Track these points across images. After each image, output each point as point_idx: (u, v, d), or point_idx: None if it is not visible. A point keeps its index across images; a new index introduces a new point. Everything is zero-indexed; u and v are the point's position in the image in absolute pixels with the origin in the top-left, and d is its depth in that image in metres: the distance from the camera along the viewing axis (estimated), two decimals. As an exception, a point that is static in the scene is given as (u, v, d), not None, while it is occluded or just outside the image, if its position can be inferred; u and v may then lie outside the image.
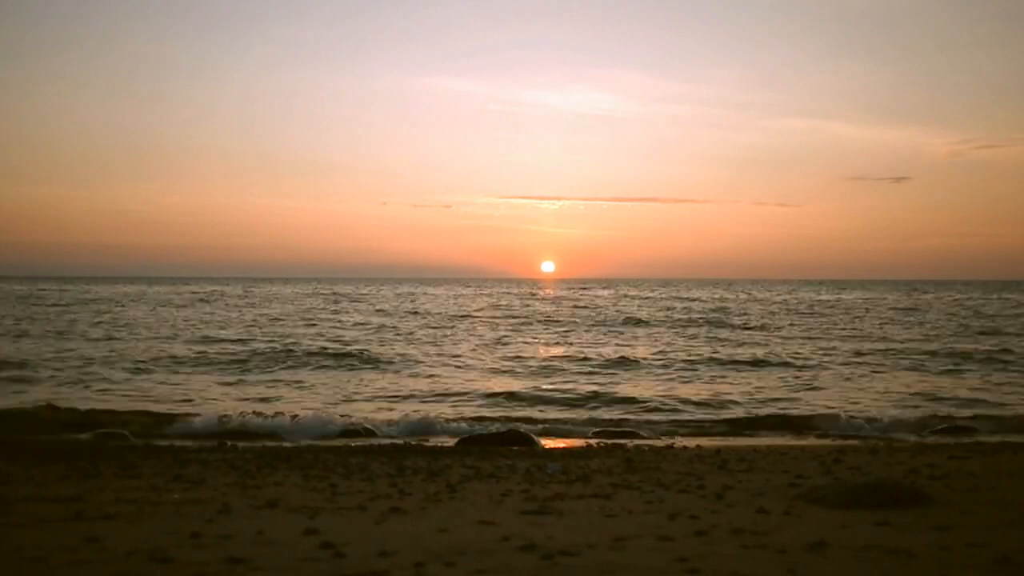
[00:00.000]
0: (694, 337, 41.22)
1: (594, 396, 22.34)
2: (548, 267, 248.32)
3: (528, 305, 74.65)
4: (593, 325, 49.81)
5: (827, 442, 16.25)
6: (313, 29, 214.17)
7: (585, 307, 70.14)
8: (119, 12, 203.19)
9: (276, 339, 36.87)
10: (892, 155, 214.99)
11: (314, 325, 47.40)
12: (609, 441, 16.25)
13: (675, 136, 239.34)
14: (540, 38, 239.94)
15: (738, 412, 20.11)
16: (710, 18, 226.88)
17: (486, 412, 20.02)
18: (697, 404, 21.20)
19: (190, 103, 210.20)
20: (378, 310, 63.77)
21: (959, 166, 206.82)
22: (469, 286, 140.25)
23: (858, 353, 32.72)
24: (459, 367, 28.77)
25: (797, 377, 26.35)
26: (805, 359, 30.96)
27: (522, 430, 16.74)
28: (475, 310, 65.16)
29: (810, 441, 16.50)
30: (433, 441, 16.11)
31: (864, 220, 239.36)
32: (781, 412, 20.00)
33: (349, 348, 33.32)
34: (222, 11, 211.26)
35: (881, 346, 35.61)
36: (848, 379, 25.98)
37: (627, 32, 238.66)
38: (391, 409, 20.37)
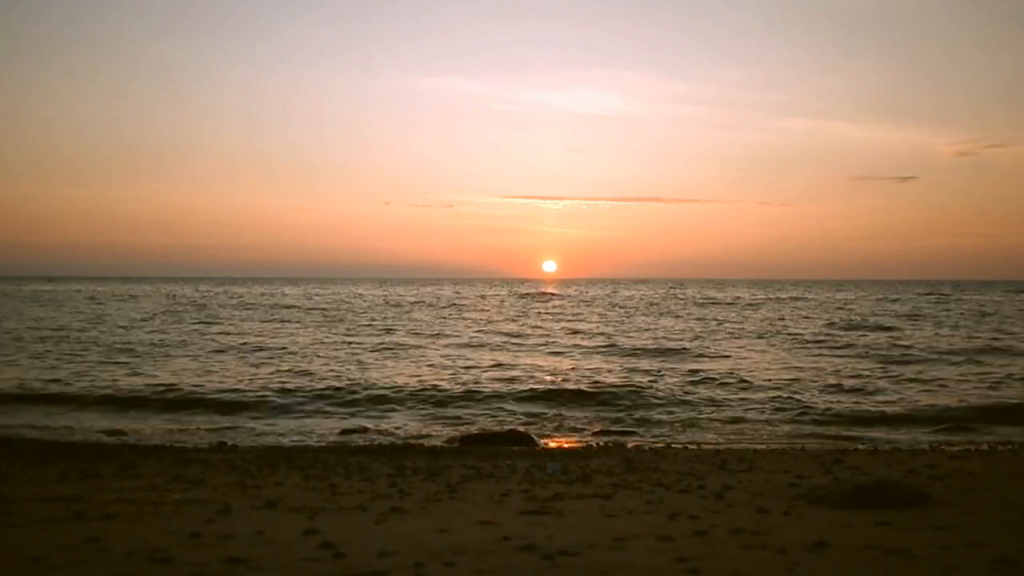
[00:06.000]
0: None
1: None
2: (550, 267, 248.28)
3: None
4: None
5: (827, 442, 16.25)
6: (315, 29, 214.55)
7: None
8: (120, 12, 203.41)
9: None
10: (898, 155, 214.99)
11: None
12: (609, 441, 16.25)
13: (679, 136, 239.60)
14: (544, 38, 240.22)
15: None
16: (715, 19, 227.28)
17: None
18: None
19: (191, 103, 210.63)
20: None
21: (966, 165, 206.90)
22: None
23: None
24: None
25: None
26: None
27: (522, 430, 16.74)
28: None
29: (810, 441, 16.49)
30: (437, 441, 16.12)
31: (869, 220, 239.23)
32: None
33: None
34: (223, 11, 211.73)
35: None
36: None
37: (631, 32, 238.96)
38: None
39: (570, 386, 23.29)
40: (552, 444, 16.10)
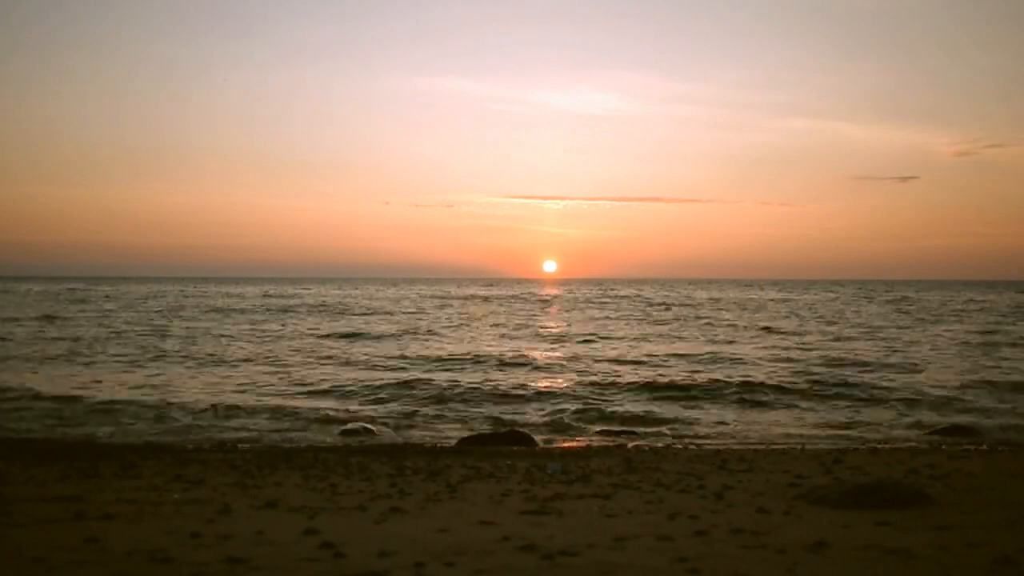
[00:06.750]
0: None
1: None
2: (550, 267, 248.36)
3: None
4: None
5: (827, 442, 16.24)
6: (316, 29, 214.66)
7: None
8: (121, 12, 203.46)
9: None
10: (898, 155, 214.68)
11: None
12: (609, 441, 16.25)
13: (679, 136, 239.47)
14: (544, 38, 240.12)
15: None
16: (715, 19, 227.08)
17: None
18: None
19: (192, 103, 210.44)
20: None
21: (966, 165, 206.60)
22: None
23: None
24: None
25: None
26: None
27: (521, 430, 16.73)
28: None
29: (810, 441, 16.48)
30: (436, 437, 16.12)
31: (870, 219, 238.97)
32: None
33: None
34: (224, 11, 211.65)
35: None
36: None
37: (631, 32, 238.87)
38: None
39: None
40: (552, 444, 16.10)
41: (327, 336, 39.76)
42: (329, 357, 30.69)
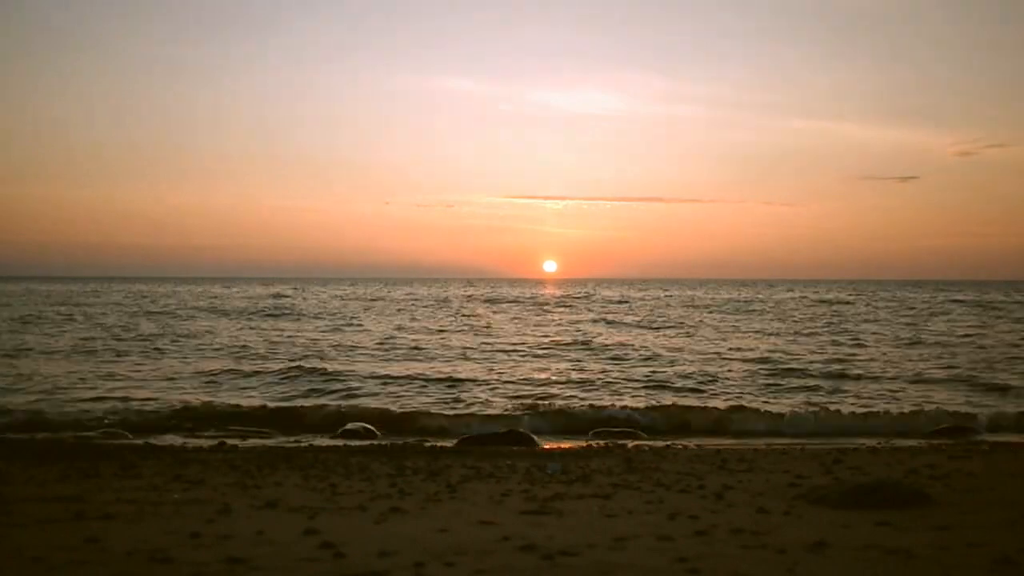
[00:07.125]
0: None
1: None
2: (551, 267, 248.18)
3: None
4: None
5: (827, 442, 16.25)
6: (320, 30, 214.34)
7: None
8: (127, 12, 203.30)
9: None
10: (900, 154, 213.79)
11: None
12: (609, 441, 16.25)
13: (680, 136, 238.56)
14: (545, 38, 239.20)
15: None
16: (715, 19, 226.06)
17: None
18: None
19: (197, 104, 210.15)
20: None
21: (968, 165, 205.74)
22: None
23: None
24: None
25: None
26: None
27: (522, 430, 16.74)
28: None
29: (810, 441, 16.49)
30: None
31: (871, 219, 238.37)
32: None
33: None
34: (229, 12, 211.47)
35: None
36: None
37: (632, 33, 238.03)
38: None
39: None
40: (552, 444, 16.11)
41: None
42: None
